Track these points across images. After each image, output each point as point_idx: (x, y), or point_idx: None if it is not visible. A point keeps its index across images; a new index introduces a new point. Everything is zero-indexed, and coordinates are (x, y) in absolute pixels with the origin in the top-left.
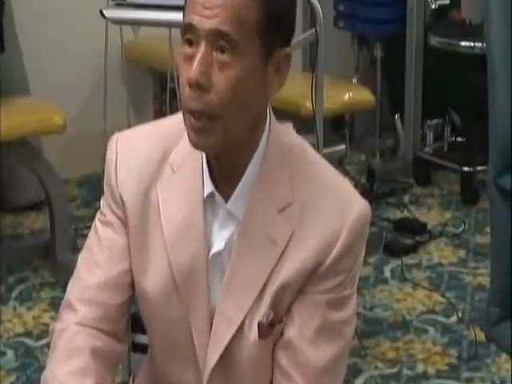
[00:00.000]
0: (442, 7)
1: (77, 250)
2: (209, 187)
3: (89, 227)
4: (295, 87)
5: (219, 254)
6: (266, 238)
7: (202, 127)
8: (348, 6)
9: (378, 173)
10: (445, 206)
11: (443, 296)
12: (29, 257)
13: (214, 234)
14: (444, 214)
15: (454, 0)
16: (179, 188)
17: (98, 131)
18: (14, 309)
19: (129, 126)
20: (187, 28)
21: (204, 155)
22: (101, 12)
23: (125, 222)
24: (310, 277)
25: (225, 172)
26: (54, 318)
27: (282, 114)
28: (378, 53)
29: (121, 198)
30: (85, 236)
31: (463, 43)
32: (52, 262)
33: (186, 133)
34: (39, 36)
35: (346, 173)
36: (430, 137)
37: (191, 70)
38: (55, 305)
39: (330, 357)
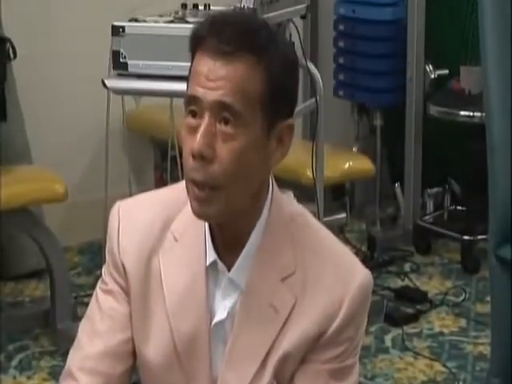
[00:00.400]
0: (441, 77)
1: (77, 318)
2: (211, 255)
3: (89, 295)
4: (295, 156)
5: (221, 323)
6: (269, 307)
7: (205, 197)
8: (348, 75)
9: (378, 241)
10: (445, 275)
11: (444, 365)
12: (29, 325)
13: (217, 303)
14: (445, 282)
15: (453, 70)
16: (181, 257)
17: (99, 199)
18: (14, 377)
19: (130, 195)
20: (191, 99)
21: (206, 224)
22: (102, 82)
23: (126, 291)
24: (313, 346)
25: (227, 240)
26: None
27: (282, 183)
28: (378, 122)
29: (123, 265)
30: (85, 304)
31: (462, 113)
32: (52, 330)
33: (188, 202)
34: (41, 104)
35: (346, 241)
36: (430, 205)
37: (195, 142)
38: (55, 374)
39: None
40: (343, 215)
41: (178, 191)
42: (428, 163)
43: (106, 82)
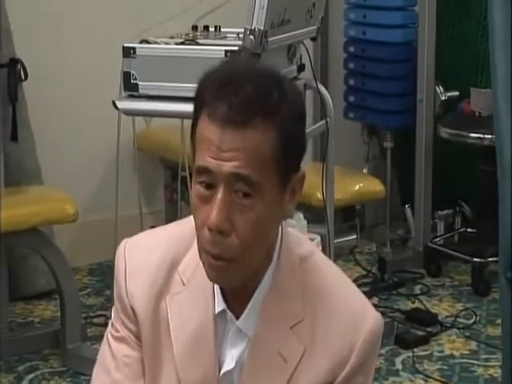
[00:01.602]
0: (451, 99)
1: (87, 338)
2: (220, 304)
3: (99, 316)
4: (306, 178)
5: (230, 372)
6: (278, 356)
7: (222, 267)
8: (358, 97)
9: (388, 263)
10: (456, 297)
11: None
12: (39, 345)
13: (225, 352)
14: (455, 305)
15: (463, 92)
16: (189, 303)
17: (109, 219)
18: None
19: (140, 215)
20: (203, 171)
21: None
22: (113, 103)
23: (138, 335)
24: None
25: (236, 290)
26: None
27: None
28: (388, 143)
29: (132, 310)
30: (95, 325)
31: (473, 135)
32: (62, 350)
33: (195, 242)
34: (52, 125)
35: (356, 263)
36: (440, 227)
37: (211, 214)
38: None
39: None
40: (353, 237)
41: (185, 227)
42: (438, 185)
43: (116, 103)
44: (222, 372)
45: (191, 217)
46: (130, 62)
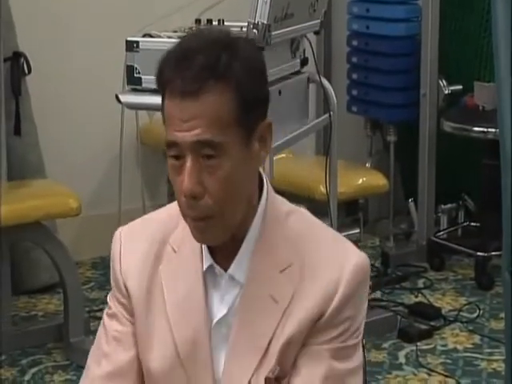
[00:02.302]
0: (454, 93)
1: (90, 332)
2: (208, 261)
3: (102, 310)
4: (309, 171)
5: (223, 319)
6: (269, 298)
7: (204, 227)
8: (361, 91)
9: (391, 257)
10: (459, 291)
11: (458, 382)
12: (42, 339)
13: (216, 304)
14: (458, 299)
15: (466, 86)
16: (180, 266)
17: (112, 213)
18: None
19: (143, 209)
20: (171, 144)
21: None
22: (116, 97)
23: (130, 311)
24: (312, 328)
25: (224, 246)
26: None
27: (295, 198)
28: (392, 137)
29: (125, 287)
30: (98, 319)
31: (476, 128)
32: (65, 344)
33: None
34: (55, 119)
35: None
36: (443, 221)
37: (183, 182)
38: None
39: None
40: (357, 231)
41: (175, 208)
42: (442, 179)
43: (119, 96)
44: (214, 321)
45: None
46: (133, 55)
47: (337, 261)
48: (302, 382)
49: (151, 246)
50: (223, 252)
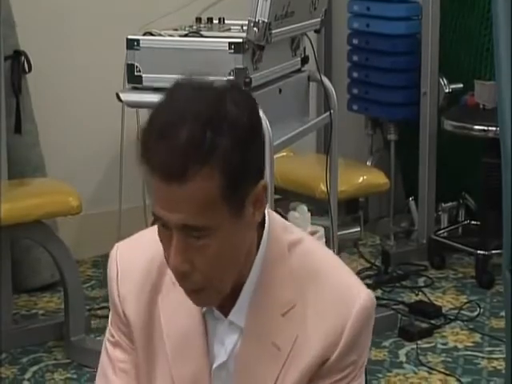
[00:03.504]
0: (455, 91)
1: (91, 331)
2: None
3: (103, 308)
4: (309, 170)
5: (223, 365)
6: (271, 346)
7: (199, 297)
8: (362, 89)
9: (392, 255)
10: (460, 290)
11: (459, 381)
12: (43, 338)
13: (217, 348)
14: (459, 297)
15: (467, 84)
16: (179, 302)
17: (113, 212)
18: None
19: (144, 208)
20: (157, 218)
21: None
22: (117, 95)
23: (131, 338)
24: (317, 373)
25: None
26: None
27: (296, 197)
28: (392, 136)
29: (124, 314)
30: (99, 317)
31: (477, 127)
32: (66, 343)
33: None
34: (56, 117)
35: (360, 255)
36: (444, 220)
37: (170, 258)
38: None
39: None
40: (357, 229)
41: None
42: (442, 177)
43: (120, 95)
44: (214, 366)
45: None
46: (134, 54)
47: (342, 304)
48: None
49: (149, 273)
50: (223, 298)
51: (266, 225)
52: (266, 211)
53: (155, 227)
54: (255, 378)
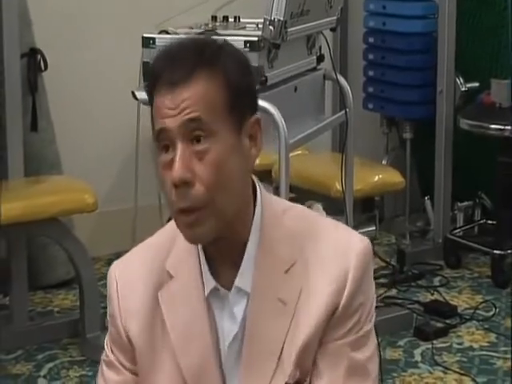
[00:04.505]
0: (471, 90)
1: (106, 328)
2: (210, 283)
3: None
4: (325, 168)
5: (236, 337)
6: (277, 302)
7: (195, 220)
8: (377, 88)
9: (407, 255)
10: (475, 289)
11: (474, 380)
12: (58, 335)
13: (227, 324)
14: (475, 297)
15: (483, 83)
16: (179, 293)
17: (128, 209)
18: None
19: (159, 205)
20: (160, 134)
21: (201, 252)
22: (133, 93)
23: (130, 357)
24: (327, 325)
25: (225, 256)
26: None
27: (311, 195)
28: (408, 135)
29: (125, 331)
30: None
31: (493, 126)
32: (81, 340)
33: (177, 238)
34: (71, 115)
35: (375, 254)
36: (460, 219)
37: (173, 170)
38: (83, 383)
39: None
40: (372, 228)
41: (167, 231)
42: (458, 177)
43: (136, 93)
44: (227, 342)
45: (170, 222)
46: (150, 52)
47: (340, 250)
48: (323, 374)
49: (149, 279)
50: (227, 266)
51: (258, 194)
52: (257, 184)
53: (147, 241)
54: (266, 337)
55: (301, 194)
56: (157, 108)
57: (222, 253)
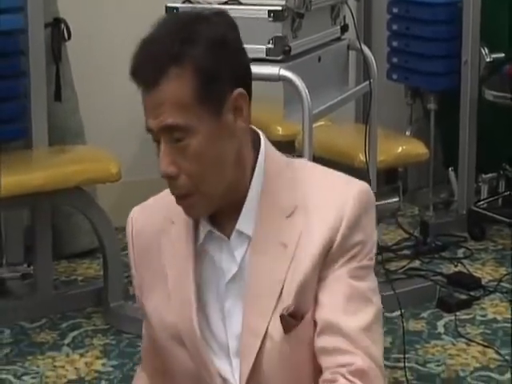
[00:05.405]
0: (496, 60)
1: (129, 297)
2: (205, 227)
3: None
4: (348, 139)
5: (235, 276)
6: (278, 245)
7: (188, 204)
8: (401, 58)
9: (431, 226)
10: (499, 261)
11: (497, 352)
12: (82, 303)
13: (226, 264)
14: (498, 269)
15: (508, 54)
16: (175, 239)
17: (152, 179)
18: (67, 355)
19: None
20: (148, 130)
21: None
22: None
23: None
24: (325, 261)
25: (225, 207)
26: (106, 365)
27: (334, 166)
28: (432, 106)
29: (136, 268)
30: None
31: None
32: (105, 309)
33: None
34: (95, 85)
35: (398, 226)
36: (484, 191)
37: (160, 166)
38: (107, 351)
39: (366, 320)
40: (396, 199)
41: None
42: (482, 148)
43: None
44: (226, 280)
45: None
46: None
47: (338, 191)
48: (327, 310)
49: (159, 225)
50: (225, 214)
51: (262, 146)
52: (262, 138)
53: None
54: (267, 278)
55: (324, 165)
56: (143, 102)
57: (222, 206)
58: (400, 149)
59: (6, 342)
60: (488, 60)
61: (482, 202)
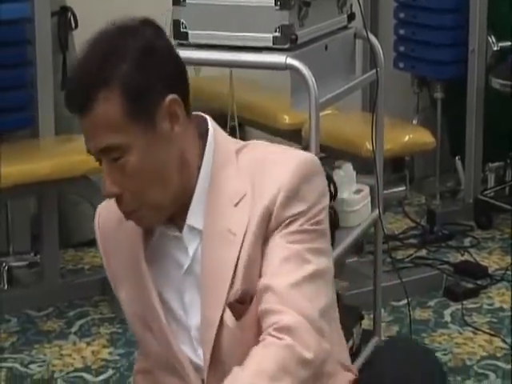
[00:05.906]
0: (503, 49)
1: None
2: (159, 227)
3: None
4: (355, 128)
5: (189, 269)
6: (227, 233)
7: (137, 218)
8: (408, 47)
9: (438, 215)
10: (506, 250)
11: (504, 341)
12: (89, 292)
13: (182, 257)
14: (505, 258)
15: None
16: (132, 233)
17: None
18: (74, 343)
19: None
20: (89, 153)
21: None
22: None
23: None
24: (266, 234)
25: (177, 207)
26: (112, 354)
27: (341, 154)
28: (439, 94)
29: (106, 260)
30: None
31: None
32: (111, 297)
33: None
34: None
35: (405, 214)
36: (491, 179)
37: (103, 187)
38: (114, 340)
39: (296, 278)
40: (403, 188)
41: None
42: (489, 137)
43: None
44: (182, 272)
45: None
46: (180, 10)
47: (279, 169)
48: (265, 276)
49: (119, 217)
50: (177, 211)
51: (210, 135)
52: (210, 127)
53: None
54: (218, 266)
55: (331, 154)
56: (80, 126)
57: (175, 207)
58: (407, 137)
59: (13, 331)
60: (495, 49)
61: (488, 191)
